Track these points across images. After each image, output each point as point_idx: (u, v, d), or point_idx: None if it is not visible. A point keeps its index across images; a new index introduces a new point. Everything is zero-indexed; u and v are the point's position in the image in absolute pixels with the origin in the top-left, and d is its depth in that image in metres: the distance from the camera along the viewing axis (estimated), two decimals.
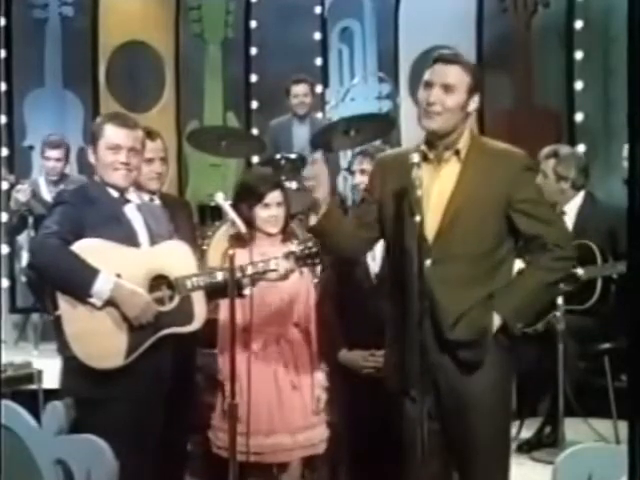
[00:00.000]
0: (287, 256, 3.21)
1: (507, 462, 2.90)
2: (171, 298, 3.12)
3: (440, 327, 2.76)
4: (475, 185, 2.79)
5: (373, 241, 3.06)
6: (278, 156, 5.70)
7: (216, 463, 3.46)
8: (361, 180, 3.92)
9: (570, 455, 2.22)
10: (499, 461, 2.88)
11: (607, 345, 4.30)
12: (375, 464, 3.58)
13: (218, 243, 4.76)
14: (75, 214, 3.07)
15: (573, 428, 4.17)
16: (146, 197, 3.42)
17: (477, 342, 2.77)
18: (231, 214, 3.09)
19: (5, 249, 6.44)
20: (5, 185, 6.05)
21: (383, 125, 5.59)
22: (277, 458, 3.45)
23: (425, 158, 2.80)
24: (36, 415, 2.54)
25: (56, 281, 3.05)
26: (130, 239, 3.14)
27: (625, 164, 4.40)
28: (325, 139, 5.45)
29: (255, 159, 6.93)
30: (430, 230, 2.74)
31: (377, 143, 5.24)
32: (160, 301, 3.11)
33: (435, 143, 2.83)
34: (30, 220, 5.78)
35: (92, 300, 3.00)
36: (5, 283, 6.48)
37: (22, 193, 5.68)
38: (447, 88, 2.76)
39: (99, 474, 2.36)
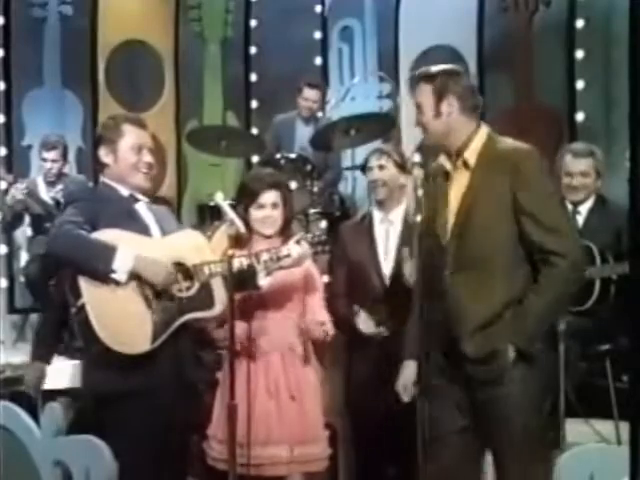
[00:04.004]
0: (298, 241, 3.22)
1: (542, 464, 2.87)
2: (189, 286, 3.13)
3: (458, 335, 2.81)
4: (483, 189, 2.85)
5: None
6: (278, 156, 5.68)
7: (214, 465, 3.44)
8: (379, 176, 3.96)
9: (572, 456, 2.22)
10: (531, 463, 2.87)
11: (608, 346, 4.27)
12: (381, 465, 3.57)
13: (217, 243, 4.73)
14: (89, 209, 3.10)
15: (574, 429, 4.14)
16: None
17: (489, 361, 2.82)
18: (230, 214, 3.10)
19: (4, 249, 6.42)
20: (3, 185, 6.03)
21: (383, 124, 5.58)
22: (274, 471, 3.33)
23: (422, 165, 2.91)
24: (35, 416, 2.53)
25: (77, 262, 3.04)
26: (144, 233, 3.18)
27: (627, 164, 4.37)
28: (325, 138, 5.45)
29: (255, 159, 6.92)
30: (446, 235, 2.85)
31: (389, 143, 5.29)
32: (179, 289, 3.13)
33: (436, 152, 2.99)
34: (27, 218, 5.77)
35: (115, 275, 3.00)
36: (3, 283, 6.46)
37: (18, 190, 5.67)
38: (418, 107, 2.98)
39: (98, 474, 2.35)
